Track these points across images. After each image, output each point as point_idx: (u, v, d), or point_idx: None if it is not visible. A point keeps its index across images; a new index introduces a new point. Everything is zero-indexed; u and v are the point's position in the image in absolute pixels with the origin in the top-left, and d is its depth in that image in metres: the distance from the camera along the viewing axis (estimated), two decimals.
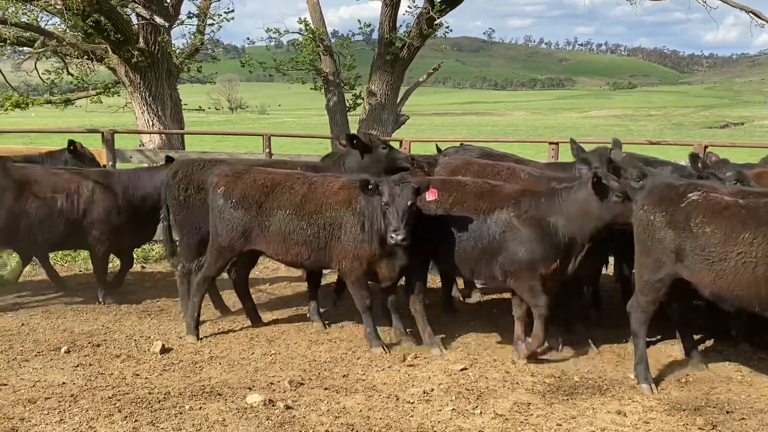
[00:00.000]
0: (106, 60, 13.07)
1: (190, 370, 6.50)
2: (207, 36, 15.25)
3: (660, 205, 6.14)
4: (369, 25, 15.71)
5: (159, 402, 5.72)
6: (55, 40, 13.42)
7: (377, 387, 6.15)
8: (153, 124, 12.85)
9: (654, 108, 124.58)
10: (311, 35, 15.30)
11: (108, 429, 5.27)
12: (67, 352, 6.88)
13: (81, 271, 10.20)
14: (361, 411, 5.66)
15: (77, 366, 6.53)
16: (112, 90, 15.03)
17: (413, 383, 6.25)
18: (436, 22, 14.17)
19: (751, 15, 14.79)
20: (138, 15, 12.34)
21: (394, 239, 6.44)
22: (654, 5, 19.61)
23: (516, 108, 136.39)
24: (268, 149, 11.55)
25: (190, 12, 14.58)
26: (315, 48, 15.47)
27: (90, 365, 6.56)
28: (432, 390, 6.10)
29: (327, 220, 6.92)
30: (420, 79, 16.19)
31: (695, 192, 6.04)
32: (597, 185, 6.45)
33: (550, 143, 11.67)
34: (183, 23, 14.28)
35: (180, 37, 16.24)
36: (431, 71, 16.10)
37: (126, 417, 5.44)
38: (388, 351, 7.00)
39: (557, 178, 7.75)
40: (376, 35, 15.28)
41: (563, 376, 6.53)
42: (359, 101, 15.58)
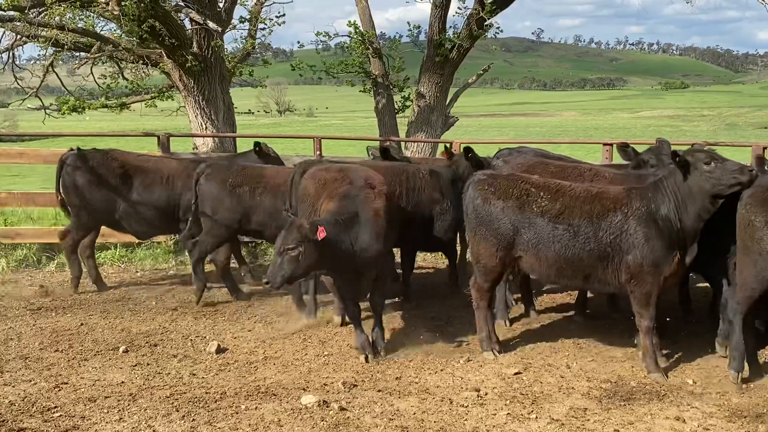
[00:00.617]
0: (160, 65, 13.29)
1: (245, 370, 6.58)
2: (258, 40, 15.39)
3: (763, 206, 6.17)
4: (418, 27, 15.68)
5: (215, 402, 5.81)
6: (111, 45, 13.69)
7: (430, 390, 6.14)
8: (206, 127, 13.01)
9: (707, 108, 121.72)
10: (360, 38, 15.35)
11: (166, 428, 5.36)
12: (126, 351, 7.02)
13: (138, 272, 10.40)
14: (415, 414, 5.65)
15: (135, 365, 6.66)
16: (166, 94, 15.30)
17: (466, 386, 6.22)
18: (486, 23, 14.08)
19: None
20: (191, 20, 12.49)
21: None
22: (708, 3, 19.19)
23: (565, 108, 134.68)
24: (318, 152, 11.62)
25: (241, 17, 14.75)
26: (364, 50, 15.52)
27: (148, 365, 6.68)
28: (486, 394, 6.07)
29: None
30: (469, 81, 16.11)
31: None
32: (682, 162, 6.37)
33: (604, 144, 11.50)
34: (235, 28, 14.43)
35: (232, 42, 16.44)
36: (481, 72, 15.99)
37: (184, 416, 5.53)
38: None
39: (641, 175, 7.66)
40: (423, 37, 15.25)
41: (620, 381, 6.44)
42: (408, 103, 15.56)
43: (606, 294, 8.28)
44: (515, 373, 6.53)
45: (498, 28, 14.88)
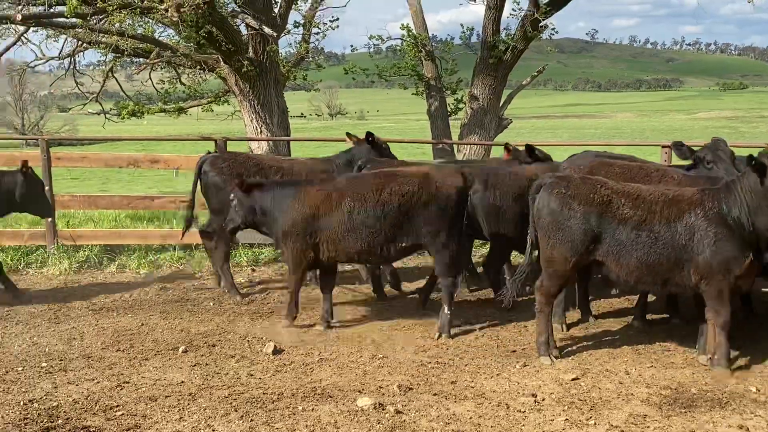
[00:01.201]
0: (217, 70, 13.50)
1: (301, 371, 6.63)
2: (311, 44, 15.52)
3: None
4: (471, 29, 15.60)
5: (273, 402, 5.87)
6: (170, 51, 13.96)
7: (486, 394, 6.10)
8: (261, 131, 13.15)
9: (766, 109, 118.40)
10: (413, 41, 15.35)
11: (225, 428, 5.44)
12: (185, 351, 7.15)
13: (196, 273, 10.58)
14: (471, 418, 5.62)
15: (194, 365, 6.77)
16: (222, 99, 15.53)
17: (523, 392, 6.17)
18: (540, 24, 13.94)
19: None
20: (247, 26, 12.65)
21: None
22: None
23: (620, 110, 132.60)
24: None
25: (296, 21, 14.90)
26: (417, 53, 15.52)
27: (206, 365, 6.78)
28: (543, 399, 6.00)
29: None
30: (523, 82, 15.96)
31: None
32: (758, 165, 6.25)
33: (662, 146, 11.27)
34: (289, 32, 14.57)
35: (286, 47, 16.58)
36: (535, 74, 15.84)
37: (242, 416, 5.60)
38: None
39: (711, 177, 7.54)
40: (476, 39, 15.18)
41: (680, 387, 6.30)
42: (461, 105, 15.50)
43: (666, 298, 8.18)
44: (573, 379, 6.45)
45: (553, 29, 14.73)
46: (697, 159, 8.15)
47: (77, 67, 16.08)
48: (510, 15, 15.00)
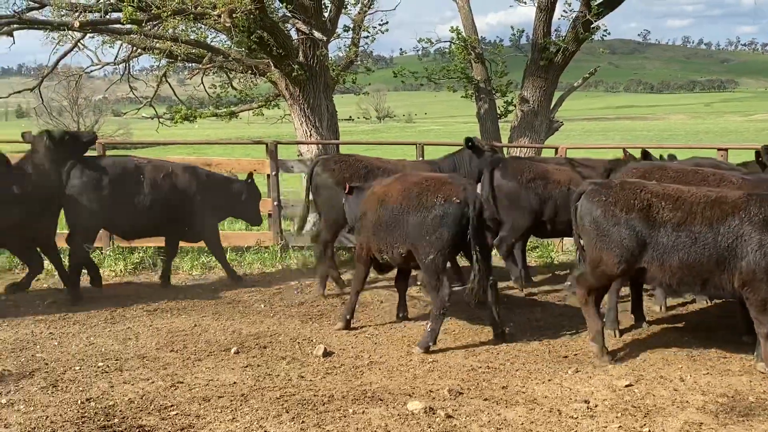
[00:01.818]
0: (267, 74, 13.64)
1: (351, 374, 6.65)
2: (360, 48, 15.58)
3: None
4: (522, 31, 15.50)
5: (324, 404, 5.89)
6: (222, 56, 14.15)
7: (538, 400, 6.04)
8: (311, 134, 13.25)
9: None
10: (463, 43, 15.31)
11: (277, 429, 5.48)
12: (237, 352, 7.22)
13: (247, 274, 10.69)
14: (523, 424, 5.57)
15: (246, 366, 6.84)
16: (272, 103, 15.68)
17: (575, 398, 6.09)
18: (592, 25, 13.79)
19: None
20: (298, 30, 12.77)
21: None
22: None
23: (673, 111, 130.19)
24: (421, 158, 11.65)
25: (345, 25, 14.98)
26: (466, 56, 15.47)
27: (258, 366, 6.85)
28: (596, 405, 5.91)
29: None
30: (575, 84, 15.78)
31: None
32: None
33: (718, 149, 11.04)
34: (339, 37, 14.66)
35: (336, 50, 16.68)
36: (587, 76, 15.63)
37: (293, 418, 5.64)
38: None
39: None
40: (525, 40, 15.07)
41: (737, 395, 6.15)
42: (511, 108, 15.41)
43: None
44: (626, 385, 6.33)
45: (605, 30, 14.56)
46: None
47: (131, 72, 16.37)
48: (561, 17, 14.90)
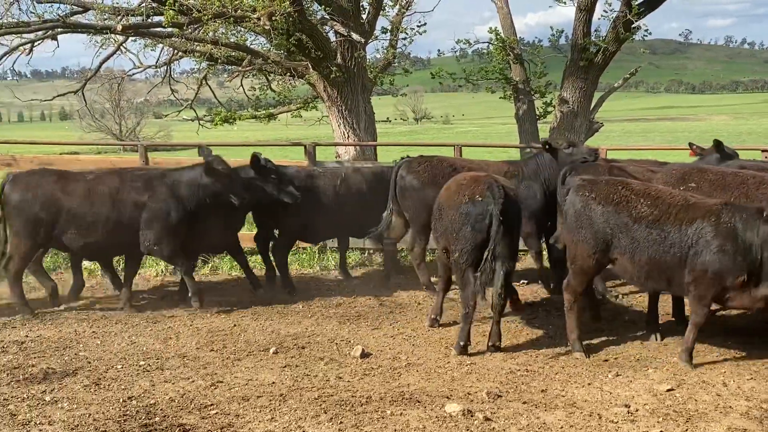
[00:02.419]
0: (306, 76, 13.73)
1: (389, 375, 6.65)
2: (398, 50, 15.60)
3: None
4: (562, 31, 15.37)
5: (361, 405, 5.91)
6: (261, 58, 14.29)
7: (578, 404, 5.97)
8: (348, 136, 13.31)
9: None
10: (501, 44, 15.24)
11: (315, 429, 5.50)
12: (275, 352, 7.27)
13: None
14: (562, 428, 5.52)
15: (285, 366, 6.88)
16: (310, 105, 15.77)
17: (616, 402, 6.01)
18: (633, 25, 13.62)
19: None
20: (336, 32, 12.84)
21: None
22: None
23: (716, 112, 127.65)
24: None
25: (383, 27, 15.01)
26: (505, 57, 15.40)
27: (296, 366, 6.89)
28: (637, 410, 5.83)
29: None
30: (615, 85, 15.59)
31: None
32: None
33: (762, 151, 10.80)
34: (377, 38, 14.69)
35: (374, 52, 16.73)
36: (627, 76, 15.42)
37: (331, 418, 5.66)
38: None
39: None
40: (564, 41, 14.95)
41: None
42: (550, 109, 15.30)
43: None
44: (668, 390, 6.24)
45: (646, 30, 14.37)
46: None
47: (172, 75, 16.62)
48: (601, 16, 14.76)
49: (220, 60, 14.60)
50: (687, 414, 5.78)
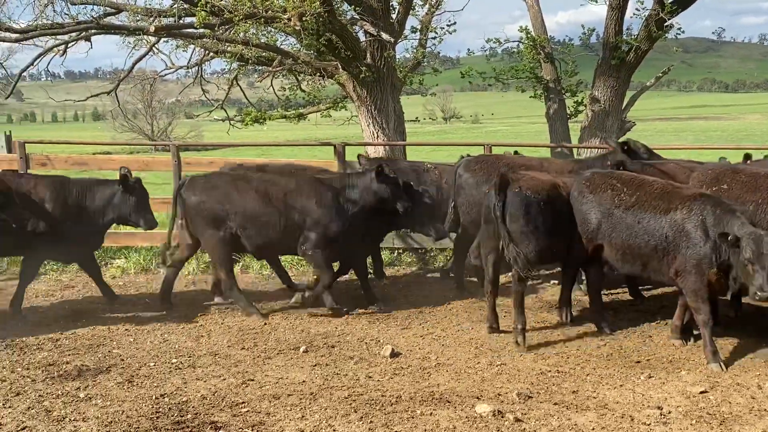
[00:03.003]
0: (335, 76, 13.76)
1: (418, 375, 6.65)
2: (428, 49, 15.57)
3: None
4: (593, 30, 15.20)
5: (391, 405, 5.91)
6: (291, 59, 14.35)
7: (609, 405, 5.92)
8: (378, 136, 13.31)
9: None
10: (532, 43, 15.13)
11: (345, 428, 5.52)
12: (306, 351, 7.31)
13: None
14: (594, 429, 5.48)
15: (315, 365, 6.91)
16: (340, 104, 15.81)
17: (648, 404, 5.95)
18: (666, 23, 13.44)
19: None
20: (366, 32, 12.85)
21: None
22: None
23: (749, 111, 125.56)
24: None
25: (413, 26, 14.98)
26: (535, 55, 15.29)
27: (326, 365, 6.92)
28: (669, 412, 5.77)
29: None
30: (647, 83, 15.39)
31: None
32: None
33: None
34: (406, 38, 14.67)
35: (403, 52, 16.72)
36: (660, 75, 15.21)
37: (361, 418, 5.67)
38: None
39: None
40: (595, 39, 14.81)
41: None
42: (581, 108, 15.15)
43: None
44: (701, 392, 6.17)
45: (679, 28, 14.17)
46: None
47: (203, 76, 16.74)
48: (633, 15, 14.59)
49: (250, 60, 14.67)
50: (721, 417, 5.71)
